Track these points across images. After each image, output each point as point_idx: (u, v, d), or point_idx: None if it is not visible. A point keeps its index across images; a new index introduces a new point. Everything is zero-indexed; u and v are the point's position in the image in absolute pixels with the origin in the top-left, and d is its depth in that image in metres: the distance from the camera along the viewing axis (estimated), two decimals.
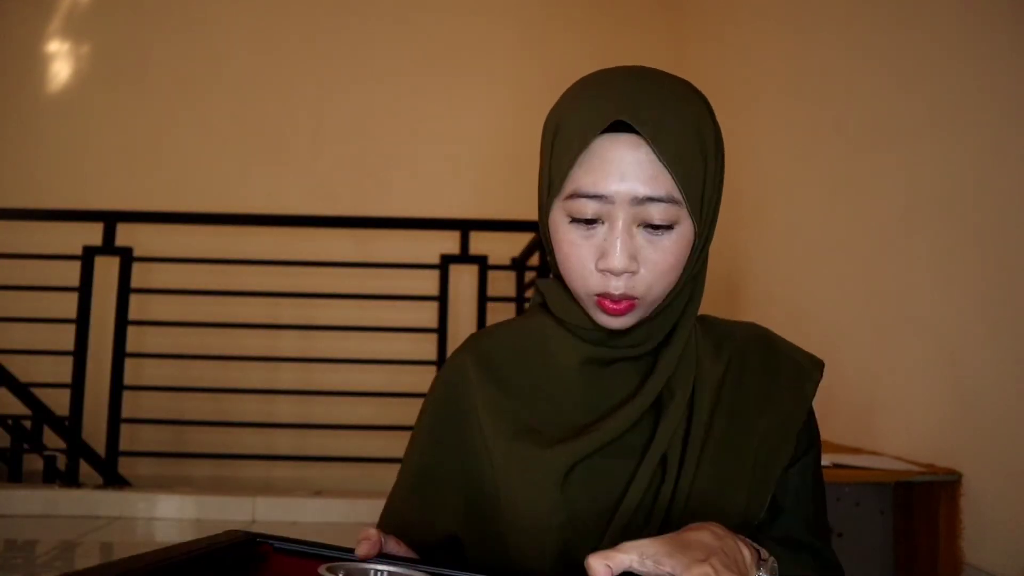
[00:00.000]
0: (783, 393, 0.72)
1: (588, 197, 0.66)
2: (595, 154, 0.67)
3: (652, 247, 0.66)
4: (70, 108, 4.01)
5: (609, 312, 0.67)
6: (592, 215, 0.66)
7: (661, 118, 0.65)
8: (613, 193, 0.65)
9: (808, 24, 2.58)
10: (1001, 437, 1.56)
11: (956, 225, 1.74)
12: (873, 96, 2.13)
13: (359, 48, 4.05)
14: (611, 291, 0.66)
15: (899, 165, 1.98)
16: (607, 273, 0.66)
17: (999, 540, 1.55)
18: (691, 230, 0.67)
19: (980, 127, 1.68)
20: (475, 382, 0.73)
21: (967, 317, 1.69)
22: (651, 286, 0.67)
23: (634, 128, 0.65)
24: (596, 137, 0.67)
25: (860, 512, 1.73)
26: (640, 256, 0.66)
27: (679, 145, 0.66)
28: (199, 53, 4.03)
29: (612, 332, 0.70)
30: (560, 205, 0.69)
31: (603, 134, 0.66)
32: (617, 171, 0.66)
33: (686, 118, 0.67)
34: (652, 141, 0.64)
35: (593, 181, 0.66)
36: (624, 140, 0.66)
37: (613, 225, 0.66)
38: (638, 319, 0.69)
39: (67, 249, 3.29)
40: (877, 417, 1.97)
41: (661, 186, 0.65)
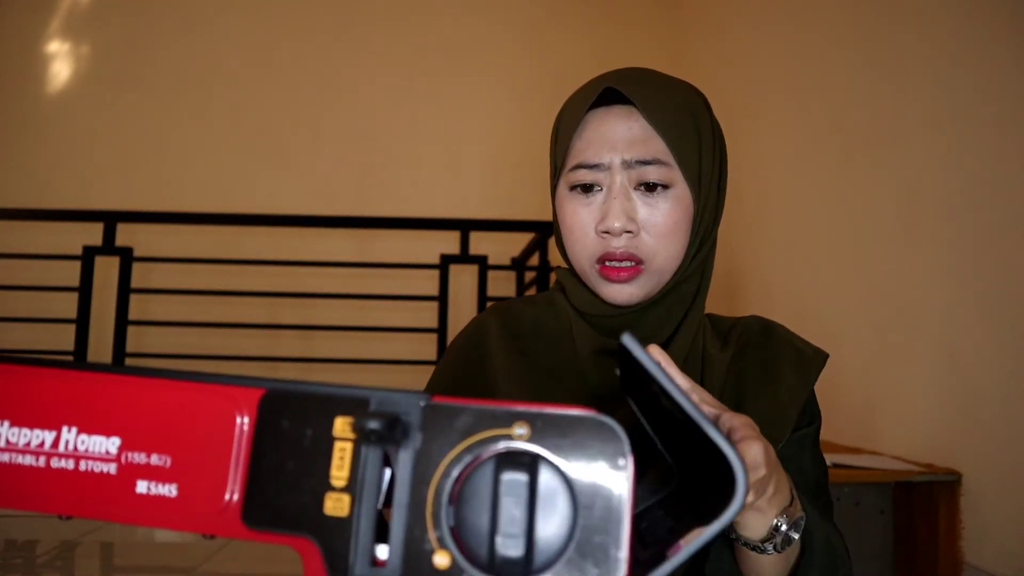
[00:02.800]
0: (786, 374, 0.72)
1: (585, 167, 0.70)
2: (590, 127, 0.71)
3: (650, 209, 0.68)
4: (70, 108, 4.01)
5: (612, 279, 0.68)
6: (590, 182, 0.70)
7: (651, 91, 0.70)
8: (607, 159, 0.69)
9: (808, 25, 2.58)
10: (1001, 437, 1.56)
11: (955, 225, 1.74)
12: (872, 96, 2.13)
13: (359, 48, 4.05)
14: (612, 251, 0.67)
15: (899, 165, 1.98)
16: (606, 235, 0.68)
17: (999, 540, 1.55)
18: (688, 196, 0.69)
19: (979, 127, 1.68)
20: (497, 347, 0.75)
21: (967, 317, 1.69)
22: (654, 250, 0.68)
23: (626, 101, 0.69)
24: (590, 111, 0.71)
25: (860, 512, 1.73)
26: (639, 219, 0.68)
27: (668, 113, 0.69)
28: (199, 53, 4.03)
29: (623, 322, 0.70)
30: (563, 181, 0.72)
31: (597, 108, 0.71)
32: (610, 138, 0.69)
33: (677, 96, 0.71)
34: (641, 107, 0.68)
35: (588, 150, 0.70)
36: (616, 110, 0.70)
37: (610, 189, 0.69)
38: (644, 292, 0.69)
39: (67, 249, 3.29)
40: (877, 417, 1.97)
41: (652, 149, 0.68)
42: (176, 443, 0.31)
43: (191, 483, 0.31)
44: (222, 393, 0.31)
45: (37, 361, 0.32)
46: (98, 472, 0.31)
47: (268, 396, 0.31)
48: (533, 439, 0.29)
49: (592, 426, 0.28)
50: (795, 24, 2.68)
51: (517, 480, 0.28)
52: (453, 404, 0.29)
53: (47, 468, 0.32)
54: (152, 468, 0.31)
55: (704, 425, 0.32)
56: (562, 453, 0.28)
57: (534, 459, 0.28)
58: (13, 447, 0.32)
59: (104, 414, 0.32)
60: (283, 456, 0.30)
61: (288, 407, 0.30)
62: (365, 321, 3.40)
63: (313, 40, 4.05)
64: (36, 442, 0.32)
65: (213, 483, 0.30)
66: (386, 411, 0.29)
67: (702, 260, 0.73)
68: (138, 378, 0.32)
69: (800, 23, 2.64)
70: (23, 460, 0.32)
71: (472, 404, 0.29)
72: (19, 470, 0.32)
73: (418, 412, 0.29)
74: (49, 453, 0.32)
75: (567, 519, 0.28)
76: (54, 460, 0.32)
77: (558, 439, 0.29)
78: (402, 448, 0.29)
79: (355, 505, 0.29)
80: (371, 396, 0.30)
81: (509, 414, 0.29)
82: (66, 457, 0.32)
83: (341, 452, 0.30)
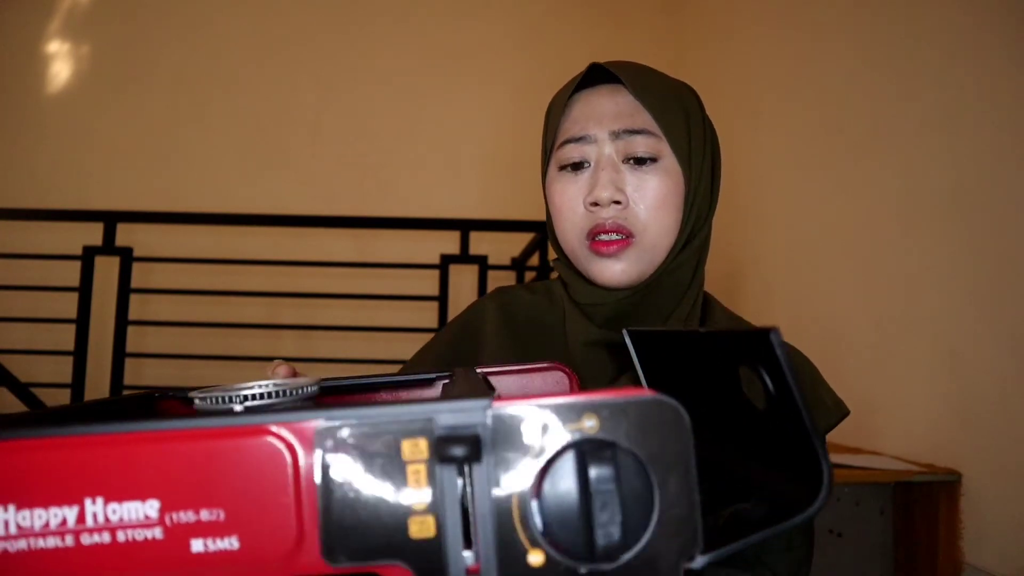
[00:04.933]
0: None
1: (572, 141, 0.70)
2: (576, 106, 0.71)
3: (639, 181, 0.68)
4: (70, 108, 4.01)
5: (602, 252, 0.67)
6: (579, 158, 0.69)
7: (637, 70, 0.70)
8: (594, 132, 0.69)
9: (808, 26, 2.58)
10: (1001, 437, 1.56)
11: (956, 225, 1.74)
12: (873, 96, 2.13)
13: (360, 48, 4.05)
14: (601, 222, 0.67)
15: (899, 165, 1.98)
16: (595, 208, 0.68)
17: (999, 540, 1.55)
18: (677, 171, 0.69)
19: (979, 127, 1.68)
20: (492, 333, 0.75)
21: (967, 317, 1.69)
22: (645, 224, 0.67)
23: (612, 81, 0.69)
24: (577, 93, 0.71)
25: (860, 512, 1.73)
26: (628, 191, 0.67)
27: (654, 90, 0.69)
28: (199, 53, 4.03)
29: (617, 310, 0.68)
30: (553, 163, 0.72)
31: (584, 90, 0.71)
32: (596, 113, 0.69)
33: (665, 80, 0.71)
34: (628, 83, 0.68)
35: (575, 126, 0.70)
36: (602, 89, 0.70)
37: (598, 162, 0.69)
38: (636, 271, 0.68)
39: (67, 249, 3.29)
40: (877, 417, 1.97)
41: (639, 121, 0.68)
42: (227, 495, 0.28)
43: (253, 533, 0.28)
44: (271, 433, 0.29)
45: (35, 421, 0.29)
46: (142, 540, 0.28)
47: (323, 430, 0.29)
48: (603, 430, 0.29)
49: (654, 407, 0.29)
50: (795, 24, 2.68)
51: (599, 472, 0.29)
52: (517, 411, 0.29)
53: (77, 546, 0.28)
54: (204, 524, 0.28)
55: (809, 429, 0.33)
56: (632, 437, 0.29)
57: (610, 447, 0.29)
58: (28, 532, 0.27)
59: (131, 478, 0.28)
60: (355, 489, 0.29)
61: (349, 438, 0.29)
62: (365, 321, 3.40)
63: (313, 40, 4.05)
64: (56, 522, 0.27)
65: (280, 530, 0.28)
66: (461, 433, 0.29)
67: (697, 249, 0.71)
68: (165, 431, 0.28)
69: (800, 23, 2.64)
70: (45, 544, 0.27)
71: (534, 403, 0.29)
72: (43, 556, 0.27)
73: (488, 423, 0.29)
74: (76, 531, 0.28)
75: (647, 499, 0.29)
76: (84, 536, 0.28)
77: (626, 424, 0.29)
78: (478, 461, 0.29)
79: (440, 524, 0.29)
80: (433, 414, 0.29)
81: (575, 408, 0.29)
82: (98, 531, 0.28)
83: (416, 475, 0.29)
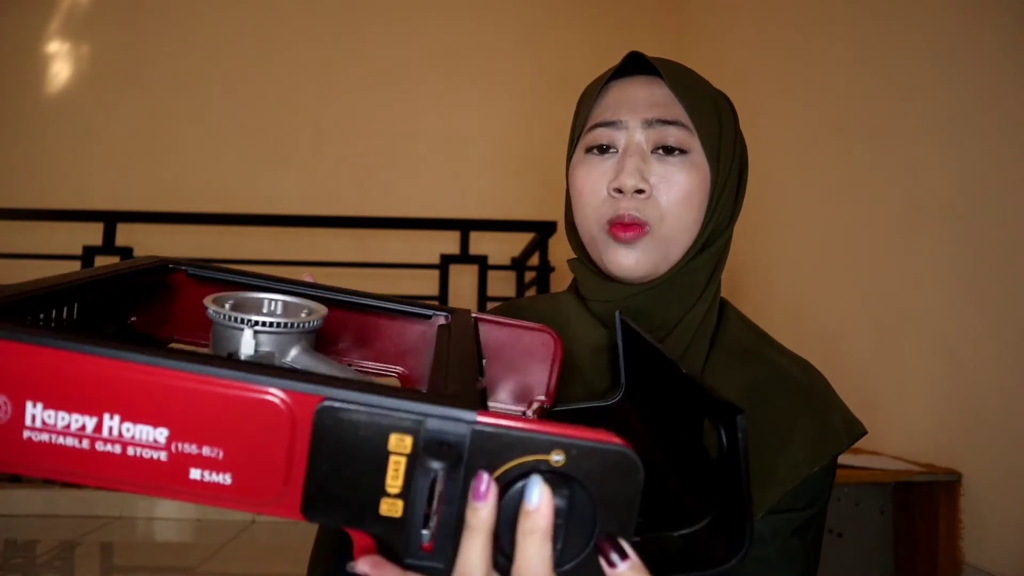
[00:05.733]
0: (792, 441, 0.62)
1: (602, 125, 0.68)
2: (611, 93, 0.70)
3: (665, 172, 0.66)
4: (70, 108, 4.01)
5: (620, 239, 0.65)
6: (606, 142, 0.68)
7: (676, 66, 0.69)
8: (626, 119, 0.67)
9: (809, 25, 2.58)
10: (1001, 437, 1.56)
11: (956, 225, 1.74)
12: (873, 97, 2.13)
13: (360, 48, 4.05)
14: (621, 212, 0.65)
15: (899, 165, 1.98)
16: (618, 195, 0.66)
17: (999, 540, 1.55)
18: (705, 168, 0.67)
19: (979, 127, 1.68)
20: None
21: (967, 317, 1.69)
22: (664, 215, 0.65)
23: (648, 72, 0.68)
24: (613, 81, 0.70)
25: (860, 512, 1.73)
26: (652, 180, 0.66)
27: (691, 88, 0.68)
28: (199, 53, 4.03)
29: (628, 306, 0.66)
30: (580, 146, 0.70)
31: (620, 78, 0.70)
32: (630, 101, 0.68)
33: (703, 82, 0.70)
34: (666, 76, 0.67)
35: (607, 111, 0.68)
36: (639, 79, 0.69)
37: (626, 148, 0.67)
38: (651, 262, 0.65)
39: (67, 249, 3.29)
40: (877, 417, 1.97)
41: (673, 112, 0.67)
42: (229, 438, 0.31)
43: (245, 475, 0.32)
44: (277, 396, 0.31)
45: (73, 341, 0.31)
46: (147, 458, 0.31)
47: (325, 407, 0.32)
48: (568, 466, 0.33)
49: (619, 456, 0.32)
50: (796, 24, 2.68)
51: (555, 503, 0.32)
52: (498, 429, 0.32)
53: (91, 451, 0.31)
54: (204, 458, 0.31)
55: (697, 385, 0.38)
56: (592, 478, 0.33)
57: (569, 482, 0.33)
58: (51, 428, 0.31)
59: (149, 404, 0.31)
60: (340, 463, 0.32)
61: (345, 419, 0.32)
62: None
63: (313, 40, 4.05)
64: (76, 425, 0.31)
65: (268, 479, 0.32)
66: (444, 440, 0.32)
67: (715, 255, 0.69)
68: (186, 373, 0.31)
69: (800, 23, 2.64)
70: (64, 441, 0.31)
71: (515, 429, 0.32)
72: (61, 450, 0.31)
73: (468, 437, 0.32)
74: (92, 437, 0.31)
75: (587, 535, 0.33)
76: (98, 444, 0.31)
77: (589, 466, 0.33)
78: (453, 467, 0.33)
79: (408, 509, 0.33)
80: (424, 415, 0.32)
81: (548, 442, 0.32)
82: (111, 442, 0.31)
83: (396, 465, 0.32)
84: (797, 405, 0.65)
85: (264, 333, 0.43)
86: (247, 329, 0.42)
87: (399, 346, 0.55)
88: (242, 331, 0.42)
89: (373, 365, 0.55)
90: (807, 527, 0.63)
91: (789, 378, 0.67)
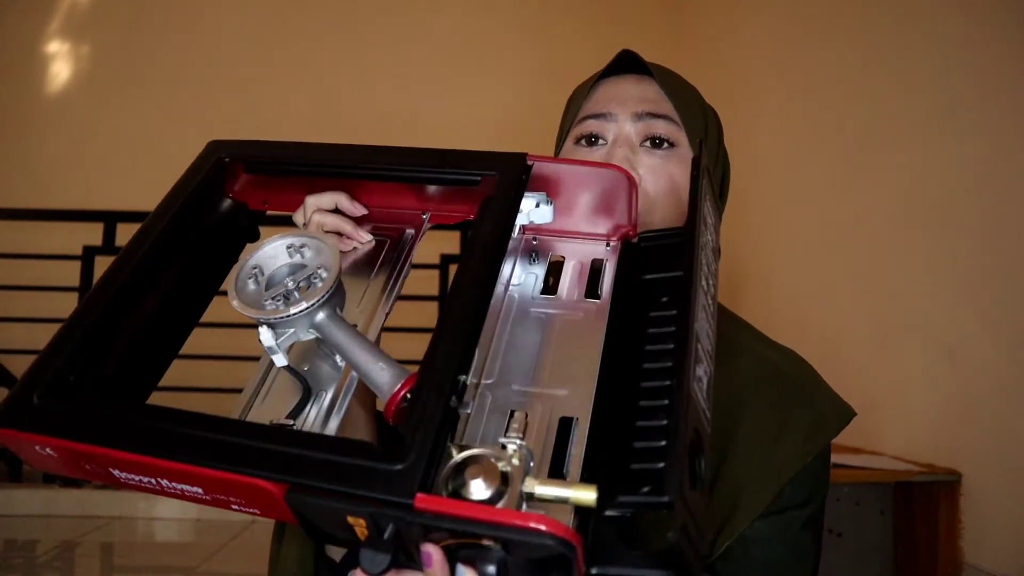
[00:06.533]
0: (785, 434, 0.62)
1: (592, 117, 0.69)
2: (601, 89, 0.72)
3: (654, 164, 0.67)
4: (70, 108, 4.01)
5: None
6: (596, 131, 0.69)
7: (667, 70, 0.71)
8: (616, 111, 0.68)
9: (809, 24, 2.58)
10: (1001, 437, 1.56)
11: (956, 225, 1.74)
12: (873, 96, 2.13)
13: (360, 47, 4.05)
14: None
15: (899, 165, 1.98)
16: None
17: (999, 540, 1.55)
18: None
19: (980, 127, 1.68)
20: None
21: (967, 317, 1.69)
22: (651, 206, 0.66)
23: (638, 71, 0.70)
24: (604, 79, 0.72)
25: (860, 512, 1.73)
26: (641, 172, 0.67)
27: (681, 88, 0.70)
28: (199, 53, 4.03)
29: None
30: (569, 138, 0.72)
31: (611, 76, 0.72)
32: (620, 95, 0.69)
33: (687, 83, 0.72)
34: (656, 74, 0.69)
35: (598, 104, 0.70)
36: (630, 77, 0.71)
37: (616, 139, 0.68)
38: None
39: (67, 249, 3.29)
40: (877, 417, 1.96)
41: (662, 108, 0.68)
42: (241, 495, 0.40)
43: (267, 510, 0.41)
44: (257, 483, 0.38)
45: (122, 440, 0.40)
46: (198, 496, 0.41)
47: (290, 494, 0.38)
48: (502, 550, 0.35)
49: (556, 545, 0.33)
50: (796, 24, 2.68)
51: (483, 570, 0.36)
52: (438, 519, 0.35)
53: (162, 489, 0.42)
54: (236, 501, 0.41)
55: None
56: (525, 558, 0.35)
57: (502, 561, 0.35)
58: (130, 482, 0.42)
59: (181, 478, 0.40)
60: (318, 519, 0.40)
61: (309, 500, 0.38)
62: None
63: (313, 39, 4.05)
64: (144, 480, 0.41)
65: (284, 513, 0.40)
66: (390, 522, 0.36)
67: None
68: (188, 467, 0.39)
69: (801, 23, 2.64)
70: (144, 482, 0.42)
71: (450, 515, 0.35)
72: (144, 487, 0.42)
73: (411, 519, 0.35)
74: (159, 487, 0.42)
75: None
76: (166, 487, 0.41)
77: (523, 551, 0.34)
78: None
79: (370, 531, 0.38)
80: (368, 505, 0.36)
81: (484, 526, 0.34)
82: (171, 490, 0.42)
83: (357, 525, 0.38)
84: (787, 398, 0.65)
85: (279, 324, 0.47)
86: (263, 330, 0.46)
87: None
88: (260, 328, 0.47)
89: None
90: (812, 521, 0.63)
91: (777, 371, 0.67)
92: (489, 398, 0.47)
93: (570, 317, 0.52)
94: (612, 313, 0.51)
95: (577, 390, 0.47)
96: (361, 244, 0.58)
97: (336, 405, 0.48)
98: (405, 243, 0.60)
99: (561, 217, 0.56)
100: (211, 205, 0.58)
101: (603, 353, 0.48)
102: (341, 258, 0.51)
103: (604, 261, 0.55)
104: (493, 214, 0.49)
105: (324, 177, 0.56)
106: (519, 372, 0.49)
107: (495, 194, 0.50)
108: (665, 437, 0.38)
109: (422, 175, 0.55)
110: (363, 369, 0.47)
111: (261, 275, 0.50)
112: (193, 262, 0.55)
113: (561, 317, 0.52)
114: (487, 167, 0.52)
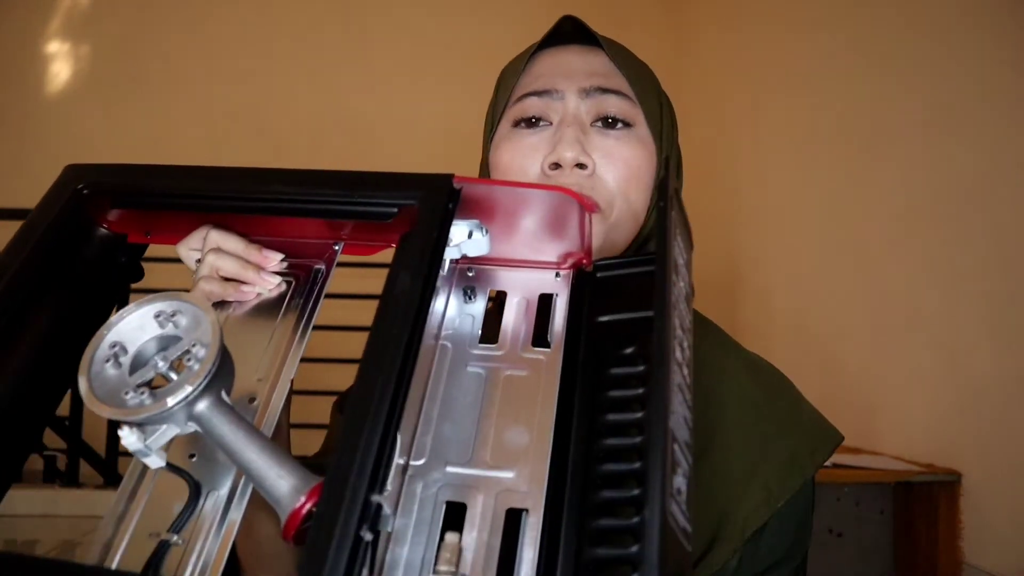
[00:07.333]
0: (756, 479, 0.53)
1: (533, 94, 0.58)
2: (541, 62, 0.61)
3: (609, 147, 0.57)
4: (70, 108, 4.01)
5: None
6: (537, 113, 0.58)
7: (613, 40, 0.60)
8: (561, 87, 0.58)
9: (809, 24, 2.58)
10: (1001, 437, 1.56)
11: (956, 225, 1.74)
12: (873, 97, 2.13)
13: (360, 47, 4.05)
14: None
15: (899, 165, 1.98)
16: (556, 171, 0.56)
17: (999, 540, 1.55)
18: (651, 144, 0.58)
19: (980, 128, 1.68)
20: None
21: (967, 317, 1.69)
22: (612, 196, 0.56)
23: (582, 41, 0.59)
24: (543, 51, 0.61)
25: (860, 512, 1.73)
26: (595, 156, 0.56)
27: (631, 57, 0.60)
28: (199, 53, 4.03)
29: None
30: (504, 122, 0.61)
31: (550, 47, 0.61)
32: (565, 69, 0.59)
33: (641, 60, 0.62)
34: (604, 44, 0.58)
35: (538, 80, 0.59)
36: (573, 47, 0.60)
37: (563, 119, 0.57)
38: (596, 248, 0.55)
39: None
40: (877, 417, 1.97)
41: (614, 82, 0.58)
42: None
43: None
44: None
45: None
46: None
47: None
48: None
49: None
50: (796, 24, 2.68)
51: None
52: None
53: None
54: None
55: None
56: None
57: None
58: None
59: None
60: None
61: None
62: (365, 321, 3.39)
63: (314, 39, 4.06)
64: None
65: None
66: None
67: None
68: None
69: (801, 23, 2.64)
70: None
71: None
72: None
73: None
74: None
75: None
76: None
77: None
78: None
79: None
80: None
81: None
82: None
83: None
84: (756, 431, 0.55)
85: (145, 425, 0.37)
86: (126, 432, 0.37)
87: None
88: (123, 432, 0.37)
89: None
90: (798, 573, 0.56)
91: (745, 398, 0.57)
92: (420, 487, 0.39)
93: (515, 373, 0.44)
94: (565, 364, 0.43)
95: (525, 472, 0.39)
96: (267, 291, 0.49)
97: (236, 495, 0.39)
98: (316, 280, 0.52)
99: (500, 244, 0.48)
100: (75, 242, 0.49)
101: (556, 421, 0.40)
102: (234, 309, 0.43)
103: (554, 296, 0.47)
104: (413, 257, 0.41)
105: (208, 213, 0.48)
106: (455, 447, 0.41)
107: (416, 228, 0.42)
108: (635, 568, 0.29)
109: (327, 207, 0.47)
110: (256, 477, 0.36)
111: (123, 354, 0.40)
112: (56, 319, 0.46)
113: (503, 373, 0.44)
114: (406, 194, 0.45)
